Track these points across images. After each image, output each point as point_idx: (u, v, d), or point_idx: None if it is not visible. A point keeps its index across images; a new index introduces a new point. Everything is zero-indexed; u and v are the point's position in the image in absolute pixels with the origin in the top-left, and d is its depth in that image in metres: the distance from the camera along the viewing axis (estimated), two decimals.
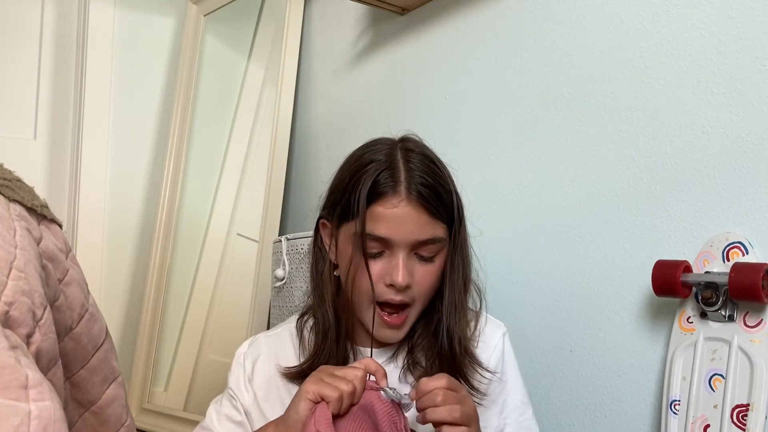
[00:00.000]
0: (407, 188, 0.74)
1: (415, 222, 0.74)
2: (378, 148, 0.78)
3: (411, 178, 0.74)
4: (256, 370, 0.83)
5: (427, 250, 0.76)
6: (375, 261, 0.76)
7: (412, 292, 0.76)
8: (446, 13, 1.26)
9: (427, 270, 0.77)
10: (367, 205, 0.75)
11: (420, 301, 0.78)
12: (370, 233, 0.75)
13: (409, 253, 0.76)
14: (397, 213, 0.74)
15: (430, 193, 0.74)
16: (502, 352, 0.84)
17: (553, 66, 1.05)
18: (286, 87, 1.59)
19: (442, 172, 0.78)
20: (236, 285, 1.68)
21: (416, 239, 0.75)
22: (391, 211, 0.74)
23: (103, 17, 1.90)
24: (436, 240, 0.76)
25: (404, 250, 0.75)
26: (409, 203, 0.74)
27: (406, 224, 0.74)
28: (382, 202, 0.74)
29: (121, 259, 1.93)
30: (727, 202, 0.83)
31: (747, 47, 0.82)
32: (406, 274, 0.74)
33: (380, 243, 0.75)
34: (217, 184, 1.85)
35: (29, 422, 0.46)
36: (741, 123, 0.82)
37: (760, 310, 0.77)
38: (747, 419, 0.75)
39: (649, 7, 0.92)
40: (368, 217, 0.75)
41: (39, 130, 1.82)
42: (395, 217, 0.74)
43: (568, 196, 1.02)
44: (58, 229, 0.67)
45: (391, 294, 0.76)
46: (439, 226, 0.76)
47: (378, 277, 0.76)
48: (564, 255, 1.02)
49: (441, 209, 0.76)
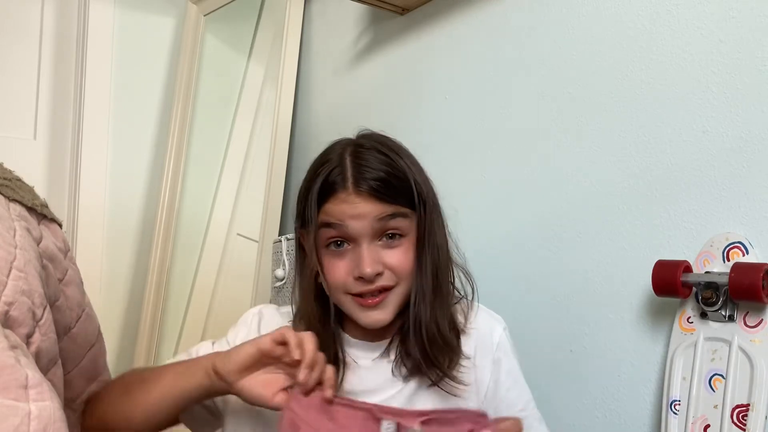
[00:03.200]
0: (354, 182, 0.74)
1: (367, 209, 0.74)
2: (331, 149, 0.79)
3: (359, 173, 0.75)
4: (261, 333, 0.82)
5: (391, 227, 0.75)
6: (340, 258, 0.76)
7: (387, 277, 0.75)
8: (446, 13, 1.26)
9: (396, 252, 0.76)
10: (320, 206, 0.76)
11: (402, 284, 0.76)
12: (323, 222, 0.75)
13: (373, 240, 0.75)
14: (347, 206, 0.74)
15: (380, 184, 0.74)
16: (504, 349, 0.83)
17: (553, 66, 1.05)
18: (286, 87, 1.59)
19: (396, 161, 0.77)
20: (236, 285, 1.68)
21: (374, 217, 0.74)
22: (341, 206, 0.74)
23: (103, 17, 1.90)
24: (396, 215, 0.75)
25: (366, 238, 0.74)
26: (358, 195, 0.74)
27: (359, 212, 0.74)
28: (333, 199, 0.75)
29: (121, 259, 1.93)
30: (727, 202, 0.83)
31: (747, 47, 0.82)
32: (371, 262, 0.74)
33: (343, 237, 0.75)
34: (217, 184, 1.85)
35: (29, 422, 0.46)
36: (741, 123, 0.82)
37: (760, 310, 0.77)
38: (747, 419, 0.75)
39: (649, 7, 0.92)
40: (322, 217, 0.76)
41: (39, 130, 1.82)
42: (348, 210, 0.74)
43: (568, 196, 1.02)
44: (57, 228, 0.67)
45: (365, 286, 0.75)
46: (395, 206, 0.75)
47: (347, 273, 0.75)
48: (564, 255, 1.02)
49: (394, 195, 0.75)
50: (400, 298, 0.77)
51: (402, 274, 0.76)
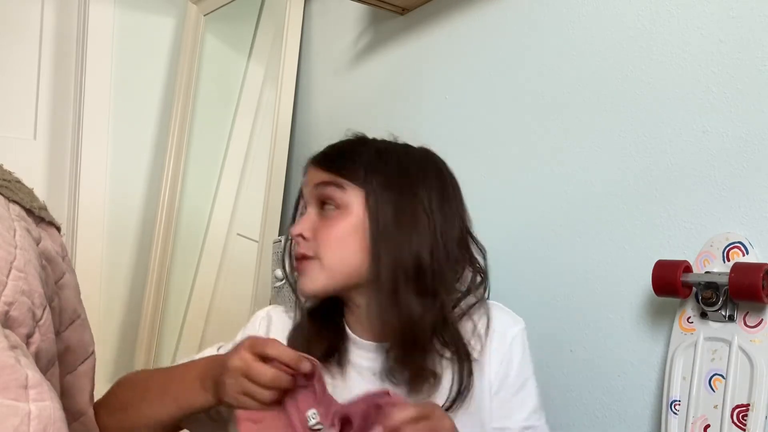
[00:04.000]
0: (314, 157, 0.82)
1: (312, 176, 0.80)
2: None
3: (324, 150, 0.82)
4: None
5: (326, 197, 0.78)
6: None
7: (311, 245, 0.77)
8: (446, 13, 1.26)
9: (325, 222, 0.77)
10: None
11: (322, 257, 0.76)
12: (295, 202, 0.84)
13: (318, 209, 0.79)
14: (305, 178, 0.82)
15: (332, 154, 0.81)
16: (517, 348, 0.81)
17: (553, 66, 1.05)
18: (286, 87, 1.59)
19: (363, 141, 0.83)
20: (236, 285, 1.68)
21: (314, 183, 0.79)
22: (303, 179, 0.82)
23: (103, 17, 1.90)
24: (331, 183, 0.77)
25: (311, 204, 0.79)
26: (312, 164, 0.81)
27: (306, 180, 0.81)
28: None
29: (121, 259, 1.93)
30: (727, 202, 0.83)
31: (747, 47, 0.82)
32: (299, 224, 0.78)
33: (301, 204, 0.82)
34: (217, 184, 1.85)
35: (29, 422, 0.46)
36: (741, 123, 0.82)
37: (760, 310, 0.77)
38: (747, 419, 0.75)
39: (649, 7, 0.92)
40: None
41: (39, 130, 1.82)
42: (303, 181, 0.82)
43: (568, 196, 1.02)
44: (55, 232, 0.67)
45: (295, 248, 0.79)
46: (338, 179, 0.77)
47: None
48: (564, 255, 1.02)
49: (341, 164, 0.78)
50: (323, 274, 0.76)
51: (319, 244, 0.76)
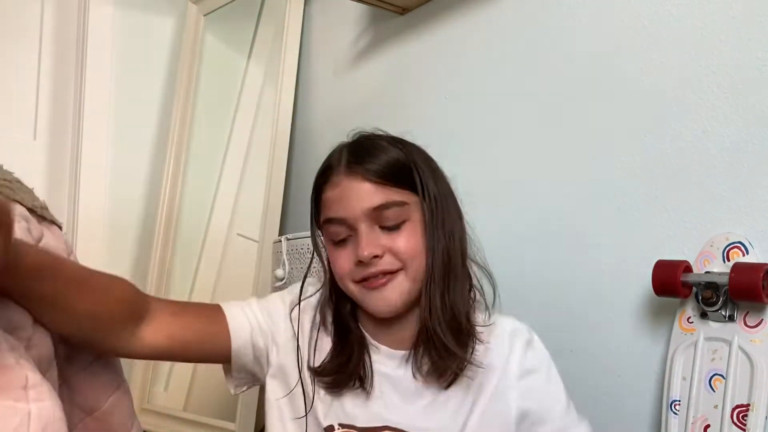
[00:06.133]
0: (347, 164, 0.75)
1: (359, 191, 0.73)
2: (333, 150, 0.80)
3: (351, 155, 0.75)
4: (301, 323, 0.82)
5: (387, 218, 0.74)
6: (344, 248, 0.76)
7: (389, 259, 0.74)
8: (446, 13, 1.26)
9: (397, 236, 0.74)
10: (320, 194, 0.77)
11: (408, 269, 0.75)
12: (327, 218, 0.76)
13: (371, 226, 0.74)
14: (341, 190, 0.74)
15: (373, 164, 0.74)
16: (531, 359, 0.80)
17: (553, 66, 1.05)
18: (286, 87, 1.59)
19: (393, 146, 0.76)
20: (236, 285, 1.68)
21: (368, 207, 0.73)
22: (335, 190, 0.75)
23: (103, 17, 1.90)
24: (391, 204, 0.73)
25: (363, 224, 0.73)
26: (348, 176, 0.74)
27: (351, 197, 0.74)
28: (328, 186, 0.76)
29: (121, 259, 1.92)
30: (727, 202, 0.83)
31: (747, 47, 0.82)
32: (367, 245, 0.73)
33: (341, 225, 0.75)
34: (217, 184, 1.85)
35: (29, 422, 0.46)
36: (741, 123, 0.82)
37: (760, 310, 0.77)
38: (747, 419, 0.75)
39: (649, 7, 0.92)
40: (322, 209, 0.77)
41: (39, 130, 1.82)
42: (340, 195, 0.74)
43: (568, 196, 1.02)
44: (58, 230, 0.67)
45: (367, 270, 0.74)
46: (393, 192, 0.74)
47: (349, 260, 0.75)
48: (564, 255, 1.02)
49: (389, 176, 0.74)
50: (408, 282, 0.75)
51: (405, 257, 0.74)
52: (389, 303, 0.75)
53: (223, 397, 1.59)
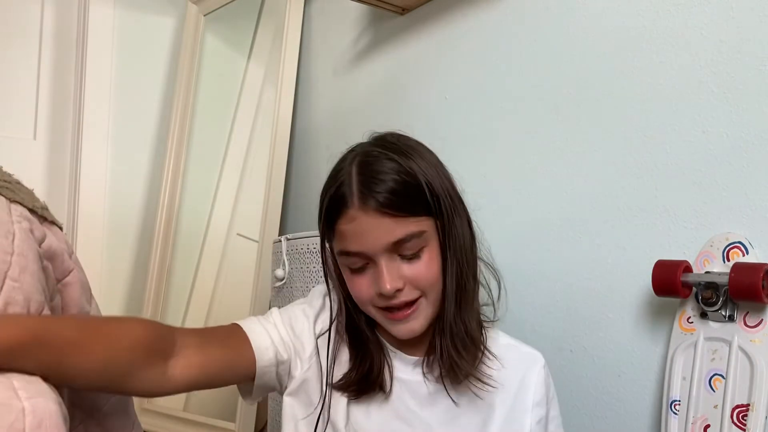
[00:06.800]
0: (360, 199, 0.71)
1: (378, 228, 0.71)
2: (342, 161, 0.77)
3: (364, 188, 0.72)
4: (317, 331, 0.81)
5: (407, 249, 0.73)
6: (362, 275, 0.75)
7: (410, 290, 0.74)
8: (446, 13, 1.26)
9: (417, 266, 0.74)
10: (333, 225, 0.75)
11: (429, 294, 0.75)
12: (343, 251, 0.75)
13: (391, 256, 0.73)
14: (358, 225, 0.72)
15: (388, 196, 0.71)
16: (546, 389, 0.82)
17: (553, 66, 1.05)
18: (286, 87, 1.59)
19: (406, 166, 0.73)
20: (236, 285, 1.68)
21: (388, 242, 0.72)
22: (351, 226, 0.72)
23: (103, 17, 1.90)
24: (410, 237, 0.72)
25: (383, 256, 0.72)
26: (365, 213, 0.71)
27: (370, 234, 0.72)
28: (342, 219, 0.73)
29: (121, 259, 1.93)
30: (727, 202, 0.83)
31: (747, 47, 0.82)
32: (390, 280, 0.72)
33: (359, 257, 0.74)
34: (217, 184, 1.85)
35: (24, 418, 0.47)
36: (741, 123, 0.82)
37: (760, 310, 0.77)
38: (747, 419, 0.75)
39: (649, 7, 0.92)
40: (336, 237, 0.75)
41: (39, 130, 1.82)
42: (358, 231, 0.72)
43: (568, 196, 1.02)
44: (58, 230, 0.67)
45: (389, 302, 0.74)
46: (411, 223, 0.72)
47: (370, 288, 0.74)
48: (564, 255, 1.02)
49: (407, 207, 0.72)
50: (430, 307, 0.76)
51: (425, 286, 0.74)
52: (413, 331, 0.76)
53: (223, 397, 1.60)
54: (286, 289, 1.27)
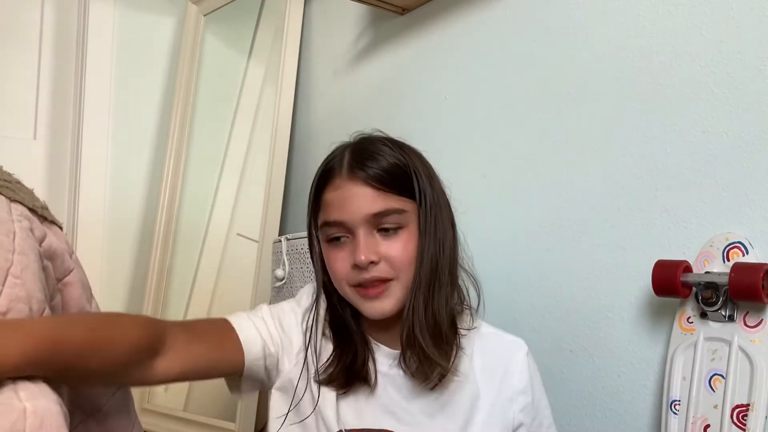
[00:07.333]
0: (349, 168, 0.76)
1: (361, 197, 0.75)
2: (338, 147, 0.81)
3: (353, 160, 0.76)
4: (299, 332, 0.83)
5: (386, 223, 0.75)
6: (341, 249, 0.77)
7: (384, 267, 0.76)
8: (446, 13, 1.26)
9: (394, 243, 0.76)
10: (320, 196, 0.78)
11: (401, 276, 0.76)
12: (325, 221, 0.77)
13: (370, 231, 0.75)
14: (342, 193, 0.76)
15: (375, 170, 0.75)
16: (530, 376, 0.83)
17: (553, 66, 1.05)
18: (286, 87, 1.59)
19: (395, 151, 0.77)
20: (236, 285, 1.68)
21: (368, 213, 0.75)
22: (336, 192, 0.76)
23: (103, 17, 1.90)
24: (391, 212, 0.75)
25: (362, 228, 0.75)
26: (351, 180, 0.75)
27: (353, 201, 0.75)
28: (329, 187, 0.77)
29: (121, 259, 1.93)
30: (727, 202, 0.83)
31: (747, 47, 0.82)
32: (366, 251, 0.74)
33: (339, 227, 0.76)
34: (217, 184, 1.85)
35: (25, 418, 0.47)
36: (741, 123, 0.82)
37: (760, 310, 0.77)
38: (747, 419, 0.75)
39: (649, 8, 0.92)
40: (322, 209, 0.78)
41: (39, 130, 1.82)
42: (341, 198, 0.76)
43: (568, 196, 1.02)
44: (58, 230, 0.67)
45: (362, 275, 0.75)
46: (394, 200, 0.75)
47: (345, 263, 0.76)
48: (564, 255, 1.02)
49: (390, 183, 0.75)
50: (401, 289, 0.77)
51: (399, 265, 0.76)
52: (383, 311, 0.77)
53: (223, 397, 1.60)
54: (286, 289, 1.27)
